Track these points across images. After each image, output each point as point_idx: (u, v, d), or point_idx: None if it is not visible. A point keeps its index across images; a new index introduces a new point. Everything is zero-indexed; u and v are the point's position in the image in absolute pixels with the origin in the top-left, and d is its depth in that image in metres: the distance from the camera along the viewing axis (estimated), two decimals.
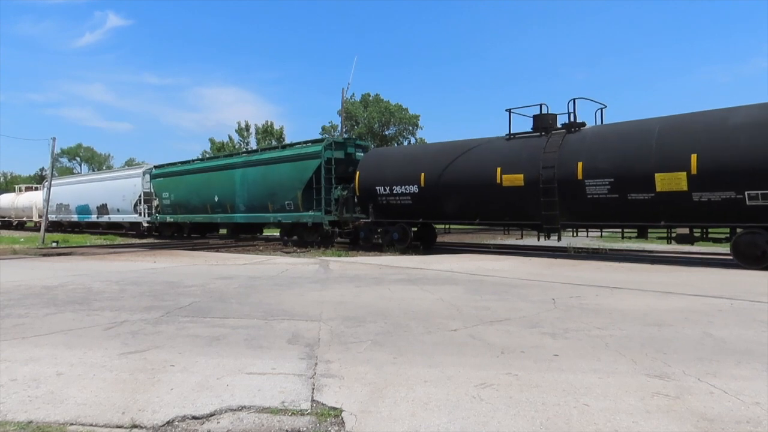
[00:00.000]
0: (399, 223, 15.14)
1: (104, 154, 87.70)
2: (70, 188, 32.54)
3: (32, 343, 4.36)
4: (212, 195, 20.96)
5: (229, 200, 20.17)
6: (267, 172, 18.53)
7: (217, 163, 22.43)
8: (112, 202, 27.69)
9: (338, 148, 16.92)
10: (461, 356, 3.90)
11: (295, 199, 17.22)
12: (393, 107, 52.35)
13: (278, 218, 18.05)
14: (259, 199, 18.72)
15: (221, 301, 6.43)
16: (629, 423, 2.65)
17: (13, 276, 9.14)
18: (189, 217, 23.00)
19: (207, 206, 21.40)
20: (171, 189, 23.75)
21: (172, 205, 23.67)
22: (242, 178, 19.66)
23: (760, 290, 7.00)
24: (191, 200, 22.48)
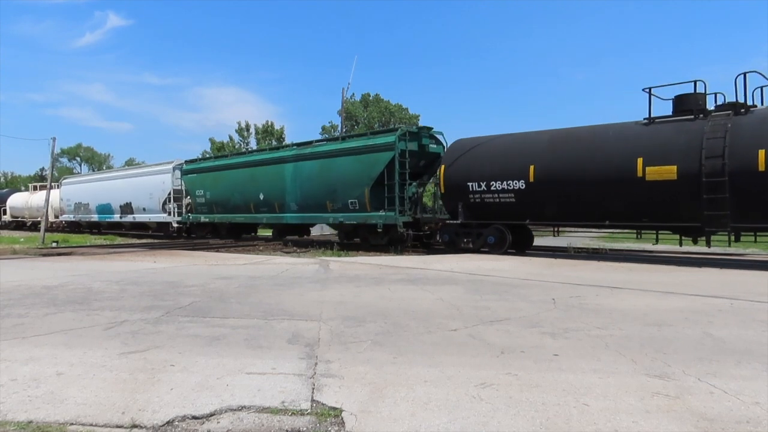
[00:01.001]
0: (494, 225, 13.22)
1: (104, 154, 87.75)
2: (90, 186, 30.57)
3: (32, 343, 4.36)
4: (257, 192, 19.05)
5: (278, 198, 18.32)
6: (326, 167, 16.61)
7: (263, 156, 19.98)
8: (137, 200, 25.84)
9: (412, 138, 15.16)
10: (461, 356, 3.90)
11: (361, 197, 15.45)
12: (393, 107, 52.40)
13: (339, 219, 16.26)
14: (315, 198, 16.98)
15: (221, 301, 6.43)
16: (629, 423, 2.65)
17: (13, 276, 9.14)
18: (228, 217, 20.89)
19: (250, 205, 19.48)
20: (206, 186, 21.65)
21: (208, 203, 21.64)
22: (294, 173, 17.73)
23: (760, 290, 7.00)
24: (231, 198, 20.41)
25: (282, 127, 54.95)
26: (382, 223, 14.95)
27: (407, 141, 14.79)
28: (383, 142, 15.09)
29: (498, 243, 13.14)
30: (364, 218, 15.52)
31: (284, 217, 18.47)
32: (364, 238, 16.45)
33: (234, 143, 53.03)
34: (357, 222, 15.89)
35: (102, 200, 28.60)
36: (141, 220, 26.08)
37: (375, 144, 15.33)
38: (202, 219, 22.13)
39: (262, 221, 19.81)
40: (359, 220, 15.74)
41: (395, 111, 52.01)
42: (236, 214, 20.44)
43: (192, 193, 22.57)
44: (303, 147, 18.18)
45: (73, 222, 31.96)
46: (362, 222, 15.68)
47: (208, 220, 21.88)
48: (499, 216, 13.14)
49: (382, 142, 15.07)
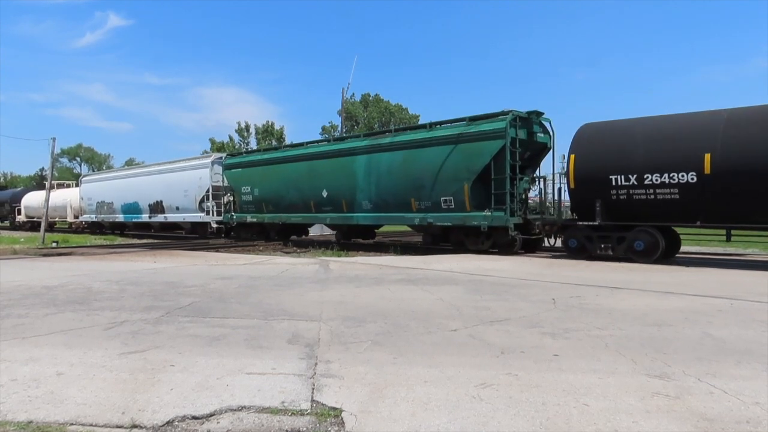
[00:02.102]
0: (640, 228, 10.86)
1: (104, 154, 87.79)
2: (115, 184, 27.91)
3: (32, 343, 4.36)
4: (318, 189, 16.81)
5: (347, 195, 16.07)
6: (410, 159, 14.38)
7: (326, 148, 17.43)
8: (169, 198, 23.44)
9: (522, 125, 12.97)
10: (461, 356, 3.90)
11: (458, 194, 13.36)
12: (393, 107, 52.47)
13: (428, 220, 14.14)
14: (396, 195, 14.77)
15: (221, 301, 6.43)
16: (629, 423, 2.65)
17: (13, 276, 9.14)
18: (281, 217, 18.49)
19: (310, 203, 17.25)
20: (255, 182, 19.22)
21: (256, 201, 19.25)
22: (368, 166, 15.43)
23: (760, 290, 7.00)
24: (286, 196, 18.13)
25: (282, 127, 55.06)
26: (486, 225, 12.90)
27: (517, 127, 12.76)
28: (491, 128, 12.83)
29: (648, 250, 10.73)
30: (462, 219, 13.41)
31: (354, 218, 16.15)
32: (457, 241, 14.25)
33: (234, 143, 53.06)
34: (452, 223, 13.78)
35: (128, 199, 26.24)
36: (174, 220, 23.76)
37: (479, 131, 13.03)
38: (249, 219, 19.65)
39: (325, 222, 17.49)
40: (455, 221, 13.61)
41: (395, 111, 52.06)
42: (292, 214, 18.09)
43: (236, 189, 20.16)
44: (378, 136, 16.09)
45: (94, 223, 29.93)
46: (459, 224, 13.59)
47: (256, 220, 19.46)
48: (651, 216, 10.77)
49: (489, 129, 12.83)
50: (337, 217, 16.79)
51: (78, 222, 31.28)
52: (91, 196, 29.73)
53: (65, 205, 32.27)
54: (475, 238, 13.56)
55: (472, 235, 13.63)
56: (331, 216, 16.96)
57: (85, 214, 30.22)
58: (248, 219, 19.75)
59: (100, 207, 28.63)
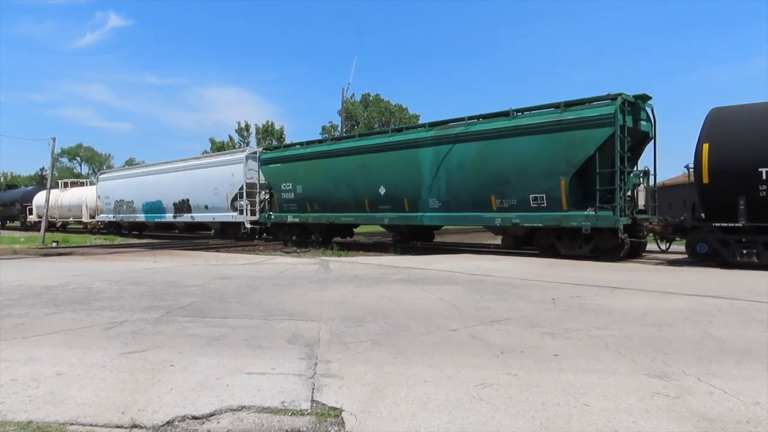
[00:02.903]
0: None
1: (104, 153, 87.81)
2: (135, 182, 26.18)
3: (32, 343, 4.36)
4: (374, 186, 15.21)
5: (409, 193, 14.48)
6: (490, 151, 12.65)
7: (384, 140, 15.45)
8: (197, 197, 21.84)
9: (630, 110, 11.34)
10: (461, 356, 3.89)
11: (552, 190, 11.69)
12: (393, 107, 52.45)
13: (513, 220, 12.42)
14: (472, 192, 13.13)
15: (221, 301, 6.43)
16: (629, 423, 2.65)
17: (13, 276, 9.14)
18: (329, 217, 16.81)
19: (364, 202, 15.60)
20: (297, 178, 17.60)
21: (299, 200, 17.63)
22: (436, 160, 13.73)
23: (760, 290, 7.00)
24: (335, 193, 16.47)
25: (282, 127, 55.03)
26: (590, 227, 11.13)
27: (626, 113, 11.14)
28: (596, 114, 11.12)
29: None
30: (557, 219, 11.73)
31: (418, 218, 14.50)
32: (546, 245, 12.49)
33: (234, 143, 53.06)
34: (544, 224, 12.01)
35: (150, 197, 24.69)
36: (202, 220, 22.17)
37: (580, 118, 11.31)
38: (290, 219, 17.92)
39: (383, 222, 15.60)
40: (548, 221, 11.90)
41: (395, 111, 52.06)
42: (342, 213, 16.40)
43: (275, 187, 18.54)
44: (448, 126, 14.06)
45: (111, 223, 28.42)
46: (552, 225, 11.90)
47: (299, 220, 17.79)
48: None
49: (594, 115, 11.13)
50: (398, 218, 15.01)
51: (94, 222, 29.90)
52: (108, 195, 28.21)
53: (80, 204, 30.73)
54: (570, 241, 11.93)
55: (566, 237, 12.03)
56: (389, 216, 15.18)
57: (102, 213, 28.79)
58: (289, 219, 17.95)
59: (118, 206, 27.10)
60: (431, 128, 14.43)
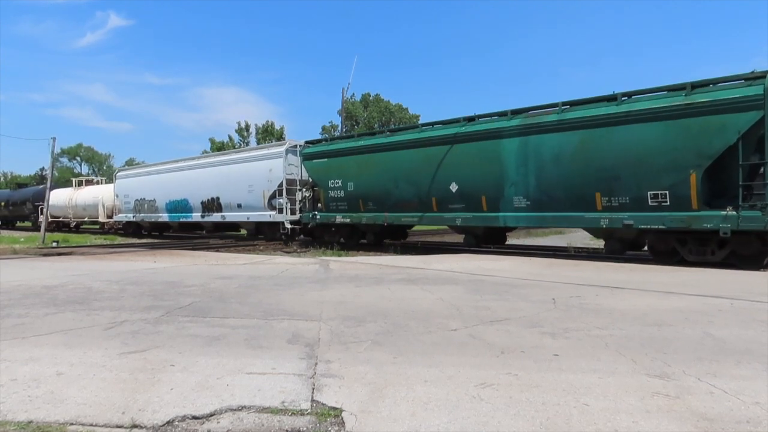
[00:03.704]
0: None
1: (104, 153, 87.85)
2: (157, 179, 24.62)
3: (32, 343, 4.36)
4: (444, 182, 13.52)
5: (489, 190, 12.75)
6: (593, 141, 10.96)
7: (456, 130, 13.48)
8: (229, 194, 20.28)
9: None
10: (461, 356, 3.89)
11: (679, 186, 9.99)
12: (393, 107, 52.53)
13: (624, 220, 10.72)
14: (570, 188, 11.40)
15: (221, 300, 6.43)
16: (629, 423, 2.65)
17: (13, 276, 9.14)
18: (387, 217, 15.12)
19: (431, 200, 13.97)
20: (348, 174, 15.92)
21: (350, 198, 15.94)
22: (523, 152, 12.04)
23: (760, 290, 7.00)
24: (393, 191, 14.78)
25: (282, 127, 55.06)
26: (729, 230, 9.45)
27: None
28: (738, 96, 9.36)
29: None
30: (686, 220, 9.97)
31: (500, 218, 12.75)
32: (664, 250, 10.77)
33: (234, 143, 53.08)
34: (667, 226, 10.22)
35: (175, 195, 23.16)
36: (234, 219, 20.57)
37: (717, 100, 9.56)
38: (339, 219, 16.31)
39: (454, 223, 13.74)
40: (673, 223, 10.14)
41: (395, 111, 52.09)
42: (403, 213, 14.77)
43: (321, 183, 16.91)
44: (538, 113, 12.25)
45: (130, 223, 26.92)
46: (679, 226, 10.12)
47: (349, 220, 16.08)
48: None
49: (736, 97, 9.38)
50: (473, 218, 13.23)
51: (111, 222, 28.39)
52: (128, 193, 26.57)
53: (96, 203, 28.97)
54: (699, 246, 10.24)
55: (692, 241, 10.33)
56: (462, 216, 13.41)
57: (121, 213, 27.14)
58: (338, 219, 16.32)
59: (139, 205, 25.50)
60: (515, 116, 12.56)
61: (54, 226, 32.19)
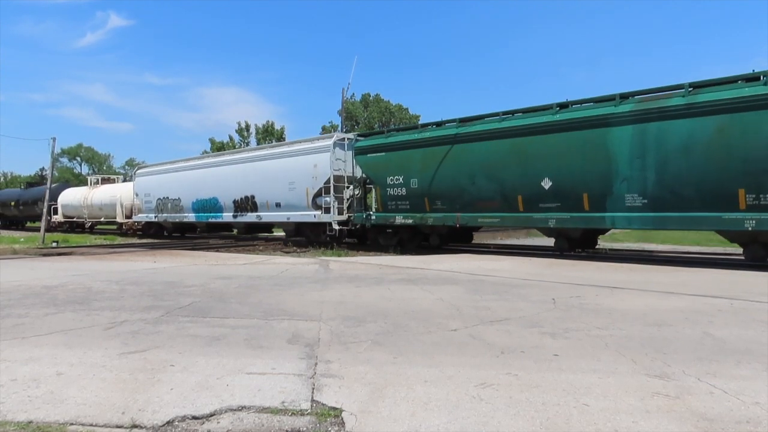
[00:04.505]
0: None
1: (105, 153, 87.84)
2: (183, 176, 22.82)
3: (32, 343, 4.36)
4: (534, 177, 11.86)
5: (592, 186, 11.08)
6: (735, 128, 9.41)
7: (548, 118, 11.78)
8: (266, 193, 18.48)
9: None
10: (461, 356, 3.89)
11: None
12: (393, 107, 52.52)
13: None
14: (704, 184, 9.83)
15: (221, 301, 6.43)
16: (629, 423, 2.64)
17: (13, 276, 9.14)
18: (462, 218, 13.35)
19: (516, 198, 12.25)
20: (410, 169, 14.37)
21: (413, 196, 14.40)
22: (639, 142, 10.48)
23: (760, 290, 7.00)
24: (468, 187, 13.14)
25: (282, 127, 55.03)
26: None
27: None
28: None
29: None
30: None
31: (607, 219, 11.04)
32: None
33: (234, 143, 53.07)
34: None
35: (202, 194, 21.51)
36: (272, 219, 18.94)
37: None
38: (399, 220, 14.63)
39: (547, 224, 11.96)
40: None
41: (395, 111, 52.09)
42: (480, 213, 13.07)
43: (378, 180, 15.28)
44: (651, 99, 10.65)
45: (151, 223, 25.33)
46: None
47: (412, 221, 14.40)
48: None
49: None
50: (572, 219, 11.43)
51: (130, 223, 26.71)
52: (149, 192, 24.83)
53: (114, 203, 27.23)
54: None
55: None
56: (557, 216, 11.64)
57: (141, 213, 25.39)
58: (397, 220, 14.70)
59: (161, 205, 23.82)
60: (625, 100, 10.89)
61: (67, 226, 31.30)
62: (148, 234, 25.53)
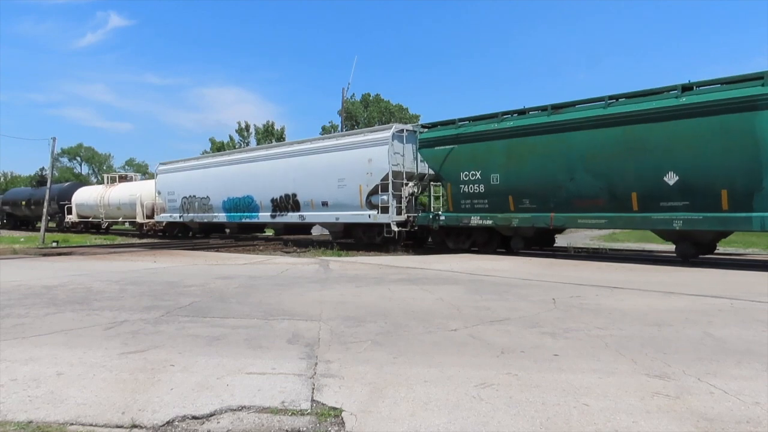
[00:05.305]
0: None
1: (105, 153, 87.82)
2: (211, 173, 21.18)
3: (32, 343, 4.36)
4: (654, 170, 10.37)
5: (733, 181, 9.64)
6: None
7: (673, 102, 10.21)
8: (310, 190, 16.99)
9: None
10: (461, 356, 3.89)
11: None
12: (393, 107, 52.47)
13: None
14: None
15: (221, 300, 6.43)
16: (629, 423, 2.64)
17: (13, 276, 9.14)
18: (558, 218, 11.81)
19: (629, 196, 10.77)
20: (490, 163, 12.75)
21: (493, 193, 12.78)
22: None
23: (760, 290, 7.00)
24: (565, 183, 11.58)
25: (282, 127, 55.00)
26: None
27: None
28: None
29: None
30: None
31: (757, 220, 9.39)
32: None
33: (234, 143, 53.06)
34: None
35: (235, 192, 19.93)
36: (318, 220, 17.53)
37: None
38: (476, 220, 13.10)
39: (671, 226, 10.32)
40: None
41: (395, 111, 52.06)
42: (581, 213, 11.46)
43: (449, 176, 13.77)
44: None
45: (175, 224, 23.72)
46: None
47: (492, 222, 12.86)
48: None
49: None
50: (704, 219, 9.91)
51: (151, 223, 25.29)
52: (173, 190, 23.19)
53: (133, 202, 25.83)
54: None
55: None
56: (685, 217, 10.10)
57: (165, 212, 23.83)
58: (473, 220, 13.13)
59: (187, 204, 22.21)
60: None
61: (82, 227, 30.25)
62: (172, 235, 24.32)
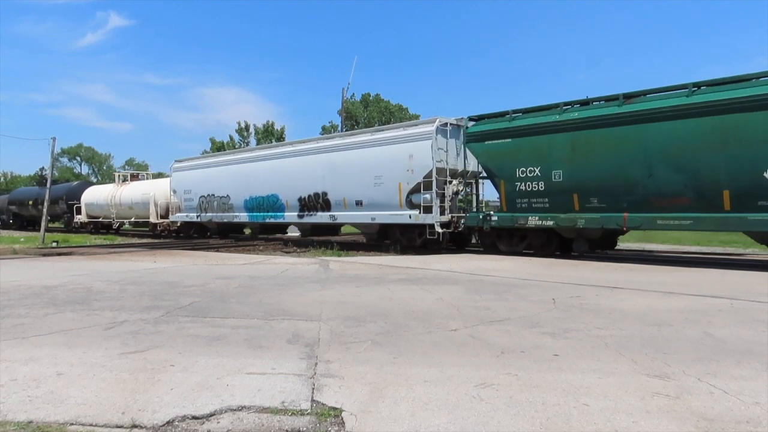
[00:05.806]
0: None
1: (105, 153, 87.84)
2: (232, 171, 20.19)
3: (32, 343, 4.36)
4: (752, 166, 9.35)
5: None
6: None
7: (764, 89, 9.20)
8: (342, 188, 15.88)
9: None
10: (461, 356, 3.89)
11: None
12: (393, 107, 52.47)
13: None
14: None
15: (221, 300, 6.43)
16: (629, 423, 2.64)
17: (13, 276, 9.13)
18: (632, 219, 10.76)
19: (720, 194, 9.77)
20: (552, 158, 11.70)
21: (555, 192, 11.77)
22: None
23: (760, 290, 7.00)
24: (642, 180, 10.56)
25: (282, 127, 55.00)
26: None
27: None
28: None
29: None
30: None
31: None
32: None
33: (234, 143, 53.06)
34: None
35: (258, 191, 18.83)
36: (350, 220, 16.43)
37: None
38: (534, 221, 12.08)
39: None
40: None
41: (395, 111, 52.06)
42: (660, 213, 10.42)
43: (502, 173, 12.66)
44: None
45: (191, 224, 22.66)
46: None
47: (553, 223, 11.80)
48: None
49: None
50: None
51: (166, 224, 24.12)
52: (189, 189, 22.09)
53: (147, 201, 24.77)
54: None
55: None
56: None
57: (181, 212, 22.72)
58: (531, 221, 12.09)
59: (205, 203, 21.17)
60: None
61: (92, 227, 29.29)
62: (188, 236, 23.22)
